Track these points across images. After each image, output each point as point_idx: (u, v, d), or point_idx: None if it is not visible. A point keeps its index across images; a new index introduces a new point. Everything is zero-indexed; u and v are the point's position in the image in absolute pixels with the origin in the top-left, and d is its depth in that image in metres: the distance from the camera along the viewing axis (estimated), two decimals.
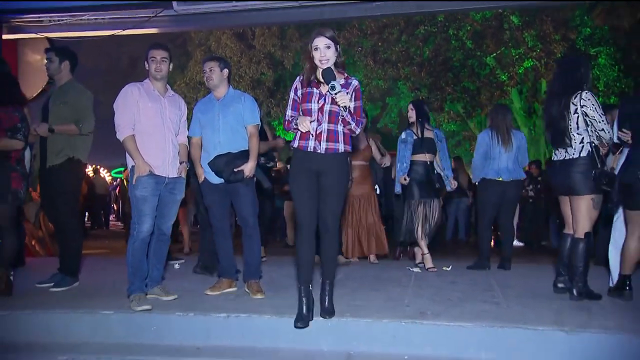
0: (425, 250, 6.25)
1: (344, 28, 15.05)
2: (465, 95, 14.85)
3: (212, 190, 4.83)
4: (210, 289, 4.81)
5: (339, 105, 3.61)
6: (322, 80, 3.70)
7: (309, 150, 3.76)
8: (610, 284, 4.90)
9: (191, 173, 5.06)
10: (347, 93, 3.68)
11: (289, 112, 3.93)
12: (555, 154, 4.74)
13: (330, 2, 7.61)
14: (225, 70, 4.82)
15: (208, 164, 4.73)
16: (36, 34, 8.11)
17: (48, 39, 8.08)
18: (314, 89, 3.78)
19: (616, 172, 4.79)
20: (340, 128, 3.80)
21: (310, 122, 3.72)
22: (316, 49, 3.66)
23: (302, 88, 3.84)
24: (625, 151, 4.77)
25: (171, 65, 4.73)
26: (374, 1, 7.59)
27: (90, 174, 17.28)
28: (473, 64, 14.98)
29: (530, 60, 14.42)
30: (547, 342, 3.68)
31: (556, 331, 3.71)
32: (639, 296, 4.52)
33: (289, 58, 15.72)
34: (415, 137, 6.25)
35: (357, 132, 3.86)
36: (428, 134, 6.26)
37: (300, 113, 3.82)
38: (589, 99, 4.49)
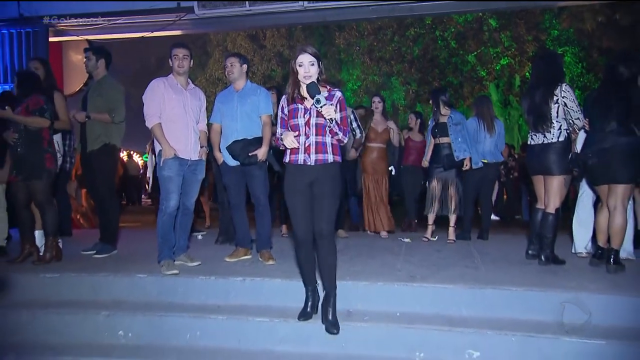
0: (430, 222, 6.10)
1: (343, 29, 15.01)
2: (449, 88, 14.79)
3: (229, 172, 4.81)
4: (228, 256, 4.84)
5: (324, 118, 3.32)
6: (306, 95, 3.44)
7: (299, 163, 3.46)
8: (572, 251, 5.00)
9: (212, 157, 5.06)
10: (332, 104, 3.38)
11: (278, 130, 3.62)
12: (532, 138, 4.70)
13: (331, 6, 7.54)
14: (245, 66, 4.78)
15: (226, 148, 4.71)
16: (77, 36, 8.13)
17: (87, 40, 8.11)
18: (299, 104, 3.49)
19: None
20: (328, 139, 3.48)
21: (296, 136, 3.43)
22: (300, 65, 3.37)
23: (287, 105, 3.54)
24: (581, 136, 4.78)
25: (192, 62, 4.70)
26: (369, 6, 7.57)
27: (124, 157, 17.31)
28: (456, 62, 15.03)
29: (506, 58, 14.59)
30: (519, 300, 3.72)
31: (526, 291, 3.77)
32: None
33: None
34: (433, 123, 6.09)
35: (344, 142, 3.53)
36: (442, 119, 6.00)
37: (289, 129, 3.52)
38: (568, 91, 4.51)
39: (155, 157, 5.21)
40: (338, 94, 3.51)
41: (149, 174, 7.45)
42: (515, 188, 11.02)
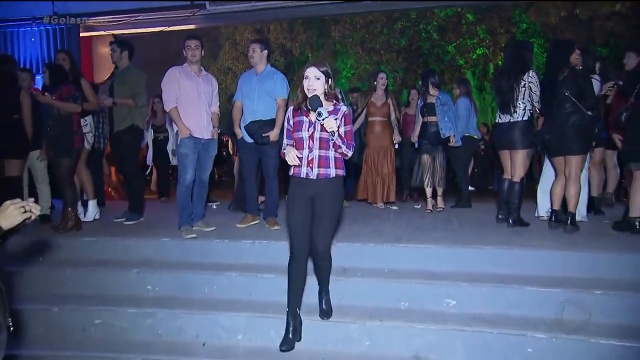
0: (428, 195, 5.77)
1: (338, 23, 14.89)
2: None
3: (245, 147, 4.79)
4: (239, 222, 4.85)
5: (327, 131, 2.97)
6: (310, 108, 3.06)
7: (302, 176, 3.11)
8: (536, 215, 5.04)
9: (225, 133, 5.06)
10: (337, 119, 3.02)
11: (284, 142, 3.26)
12: (500, 117, 4.70)
13: (328, 1, 7.48)
14: (265, 51, 4.67)
15: (244, 127, 4.66)
16: (104, 31, 8.10)
17: (113, 34, 8.04)
18: (304, 117, 3.12)
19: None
20: (331, 154, 3.11)
21: (299, 151, 3.10)
22: (306, 77, 3.06)
23: (293, 118, 3.18)
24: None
25: (203, 51, 4.66)
26: (363, 0, 7.52)
27: None
28: (438, 52, 14.93)
29: (481, 48, 14.51)
30: (489, 257, 3.78)
31: (496, 249, 3.83)
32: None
33: (296, 47, 15.47)
34: (422, 103, 5.81)
35: (348, 155, 3.13)
36: (431, 99, 5.69)
37: (293, 142, 3.17)
38: (534, 77, 4.52)
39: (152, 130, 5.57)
40: (344, 108, 3.15)
41: (149, 145, 7.42)
42: (489, 161, 11.03)
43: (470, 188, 7.30)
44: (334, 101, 3.16)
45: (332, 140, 2.99)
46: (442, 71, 14.62)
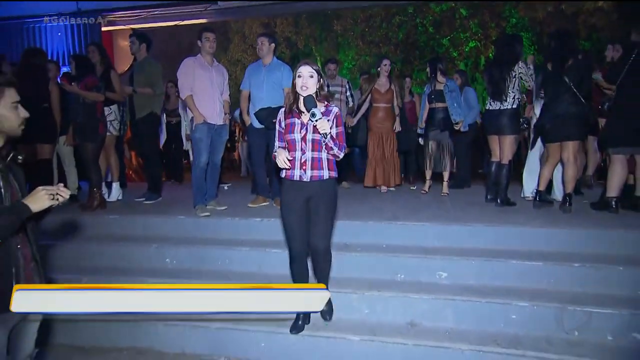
0: (428, 177, 5.56)
1: (341, 17, 14.75)
2: (425, 70, 14.72)
3: (254, 133, 4.76)
4: (250, 202, 4.84)
5: (320, 133, 2.72)
6: (303, 109, 2.81)
7: (295, 179, 2.86)
8: (522, 196, 5.04)
9: (236, 120, 5.04)
10: (328, 120, 2.79)
11: (276, 144, 3.00)
12: (491, 104, 4.66)
13: None
14: (273, 44, 4.63)
15: (254, 114, 4.63)
16: (124, 25, 8.05)
17: (132, 29, 8.02)
18: (296, 119, 2.86)
19: (534, 119, 4.82)
20: (324, 155, 2.87)
21: (290, 153, 2.86)
22: (299, 76, 2.80)
23: (285, 119, 2.92)
24: (537, 104, 4.78)
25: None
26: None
27: None
28: (433, 44, 14.76)
29: (473, 41, 14.34)
30: (479, 234, 3.79)
31: (485, 226, 3.84)
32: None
33: (300, 40, 15.32)
34: (430, 90, 5.44)
35: (340, 157, 2.89)
36: (439, 86, 5.34)
37: (285, 144, 2.92)
38: (523, 67, 4.52)
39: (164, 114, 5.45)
40: (335, 109, 2.91)
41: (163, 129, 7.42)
42: (479, 146, 10.97)
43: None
44: (325, 102, 2.91)
45: (325, 142, 2.76)
46: None
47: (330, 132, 2.73)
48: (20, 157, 1.95)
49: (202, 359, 3.25)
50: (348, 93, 6.20)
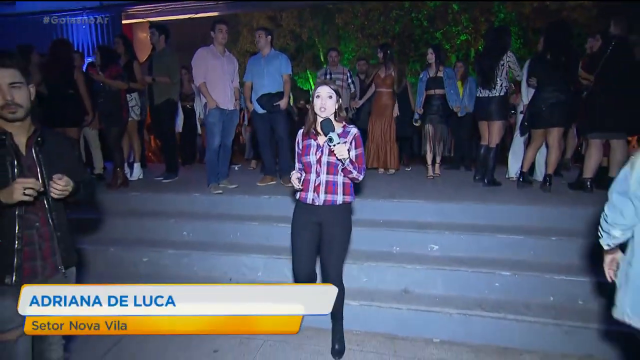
0: (429, 162, 5.30)
1: (342, 12, 14.58)
2: (422, 58, 14.59)
3: (258, 117, 4.76)
4: (259, 181, 4.86)
5: (337, 157, 2.38)
6: (320, 131, 2.49)
7: (308, 202, 2.52)
8: (506, 176, 5.03)
9: (244, 106, 5.04)
10: (346, 142, 2.45)
11: (296, 166, 2.66)
12: (480, 92, 4.62)
13: None
14: (269, 37, 4.64)
15: (256, 100, 4.63)
16: (142, 19, 7.99)
17: (149, 21, 7.95)
18: (312, 140, 2.53)
19: (522, 106, 4.76)
20: (339, 179, 2.51)
21: (307, 175, 2.56)
22: (318, 96, 2.46)
23: (302, 141, 2.59)
24: (525, 92, 4.74)
25: None
26: None
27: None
28: (427, 37, 14.56)
29: (464, 35, 14.15)
30: (467, 210, 3.82)
31: (473, 204, 3.86)
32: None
33: (304, 33, 15.13)
34: (428, 77, 5.16)
35: (359, 180, 2.50)
36: (439, 74, 5.14)
37: (301, 165, 2.60)
38: (511, 56, 4.48)
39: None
40: (354, 130, 2.53)
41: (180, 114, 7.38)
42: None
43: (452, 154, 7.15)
44: (344, 123, 2.56)
45: (343, 166, 2.41)
46: None
47: (348, 157, 2.39)
48: (3, 137, 1.76)
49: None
50: (349, 80, 6.17)
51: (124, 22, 7.93)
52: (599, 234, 2.02)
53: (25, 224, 1.79)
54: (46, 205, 1.84)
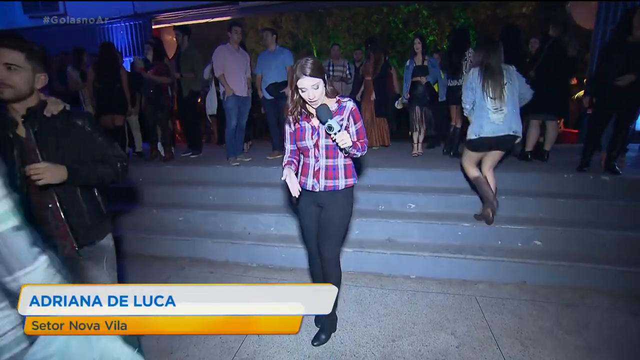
0: (415, 141, 4.88)
1: (331, 15, 14.31)
2: (398, 54, 14.45)
3: (267, 103, 4.70)
4: (269, 155, 4.82)
5: (337, 144, 1.85)
6: (312, 112, 1.95)
7: (307, 188, 2.03)
8: None
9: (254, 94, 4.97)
10: (342, 119, 1.90)
11: (288, 147, 2.07)
12: (450, 82, 4.57)
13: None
14: (274, 36, 4.55)
15: (265, 88, 4.58)
16: (168, 24, 7.81)
17: (174, 26, 7.77)
18: (306, 123, 1.96)
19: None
20: (340, 162, 1.98)
21: (305, 158, 2.04)
22: (303, 90, 1.84)
23: (293, 123, 2.00)
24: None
25: None
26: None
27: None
28: (402, 37, 14.42)
29: (432, 36, 14.02)
30: (438, 176, 3.82)
31: (443, 171, 3.86)
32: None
33: (300, 33, 14.80)
34: (415, 65, 4.79)
35: (363, 154, 1.98)
36: (425, 62, 4.79)
37: (294, 147, 2.06)
38: (472, 53, 4.36)
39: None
40: (349, 104, 1.93)
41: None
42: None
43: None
44: (337, 97, 1.96)
45: (347, 153, 1.91)
46: (404, 52, 14.25)
47: (352, 144, 1.86)
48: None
49: (240, 265, 3.38)
50: (347, 72, 6.05)
51: (153, 27, 7.75)
52: (463, 108, 3.10)
53: (39, 206, 1.55)
54: (54, 187, 1.54)
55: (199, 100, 5.60)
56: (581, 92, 7.82)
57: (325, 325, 2.31)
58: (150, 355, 2.24)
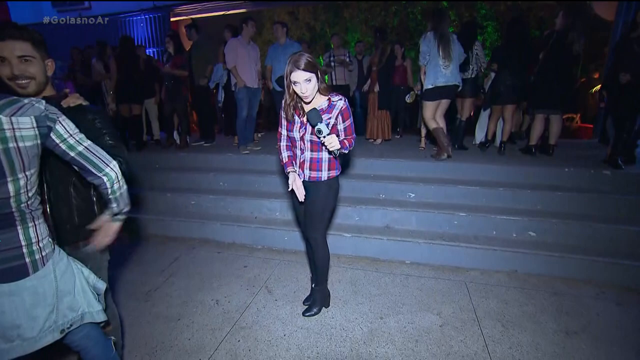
0: (423, 135, 4.83)
1: (349, 7, 14.24)
2: (416, 47, 14.27)
3: (277, 94, 4.80)
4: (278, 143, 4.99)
5: (325, 146, 1.95)
6: (304, 107, 2.04)
7: None
8: (473, 143, 5.02)
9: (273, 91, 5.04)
10: (330, 118, 1.97)
11: (283, 132, 2.15)
12: None
13: None
14: (285, 29, 4.64)
15: (275, 80, 4.67)
16: (186, 16, 7.98)
17: (191, 18, 7.93)
18: (296, 116, 2.05)
19: (487, 87, 4.72)
20: (324, 155, 2.07)
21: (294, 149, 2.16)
22: (295, 84, 1.90)
23: (285, 113, 2.08)
24: (491, 75, 4.74)
25: None
26: None
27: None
28: (421, 29, 14.18)
29: (451, 27, 13.73)
30: (440, 167, 3.85)
31: (445, 162, 3.88)
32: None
33: (318, 25, 14.88)
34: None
35: (351, 149, 2.11)
36: None
37: (287, 133, 2.13)
38: (479, 46, 4.41)
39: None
40: (340, 103, 1.99)
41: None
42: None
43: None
44: (329, 95, 2.01)
45: (335, 156, 2.02)
46: None
47: (340, 148, 1.94)
48: None
49: (246, 247, 3.55)
50: (348, 59, 5.95)
51: (172, 19, 7.95)
52: (419, 60, 3.81)
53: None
54: (44, 183, 1.47)
55: (213, 92, 5.78)
56: (598, 87, 7.64)
57: (317, 298, 2.47)
58: (160, 320, 2.47)
